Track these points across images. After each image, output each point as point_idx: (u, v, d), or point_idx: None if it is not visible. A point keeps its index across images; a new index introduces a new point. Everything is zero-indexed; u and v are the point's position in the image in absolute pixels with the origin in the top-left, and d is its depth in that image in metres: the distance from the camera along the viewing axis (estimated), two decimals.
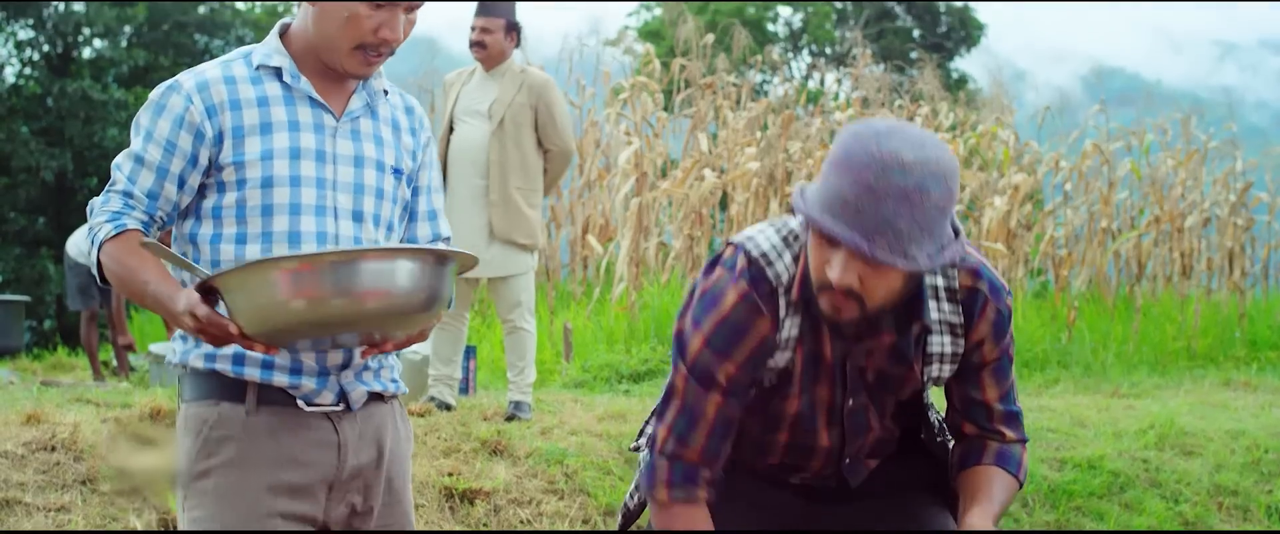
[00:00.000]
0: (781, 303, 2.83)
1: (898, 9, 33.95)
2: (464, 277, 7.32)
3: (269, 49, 2.96)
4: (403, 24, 2.91)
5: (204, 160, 2.88)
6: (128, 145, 2.96)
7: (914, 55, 28.41)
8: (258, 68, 2.94)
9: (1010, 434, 3.03)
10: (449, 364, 7.28)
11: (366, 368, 2.99)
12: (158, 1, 23.34)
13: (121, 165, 2.91)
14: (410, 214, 3.13)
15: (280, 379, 2.89)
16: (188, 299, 2.69)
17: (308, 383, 2.91)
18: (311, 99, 2.94)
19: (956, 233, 2.70)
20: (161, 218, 2.91)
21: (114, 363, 11.21)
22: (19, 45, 22.84)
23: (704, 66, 14.99)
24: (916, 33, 33.43)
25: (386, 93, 3.08)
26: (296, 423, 2.91)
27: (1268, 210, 15.46)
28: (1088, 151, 14.54)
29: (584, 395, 8.48)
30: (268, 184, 2.87)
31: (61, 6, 22.08)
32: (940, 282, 2.88)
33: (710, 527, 2.92)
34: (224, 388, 2.90)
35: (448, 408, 7.18)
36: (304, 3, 2.94)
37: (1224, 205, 14.79)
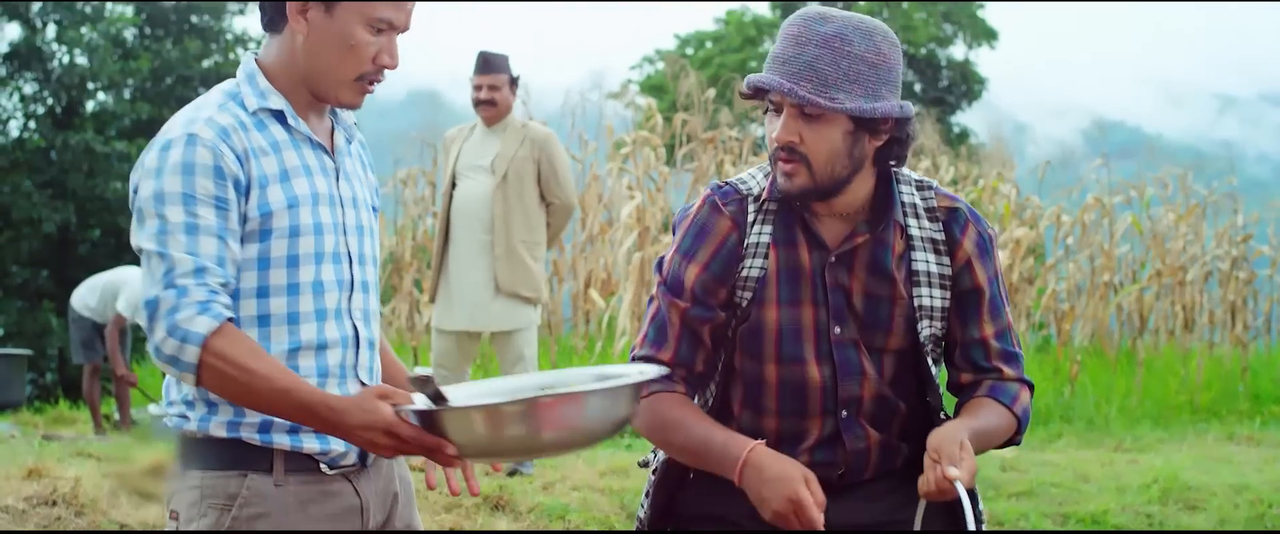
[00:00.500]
0: (750, 209, 2.95)
1: None
2: (467, 331, 7.34)
3: (261, 89, 2.75)
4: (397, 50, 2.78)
5: (241, 211, 2.66)
6: (151, 219, 2.62)
7: (915, 109, 28.48)
8: (256, 112, 2.73)
9: (1008, 371, 3.00)
10: None
11: None
12: (160, 32, 23.48)
13: (171, 243, 2.57)
14: None
15: (310, 444, 2.72)
16: (382, 416, 2.54)
17: (336, 445, 2.75)
18: (311, 141, 2.78)
19: (911, 113, 2.86)
20: (231, 288, 2.63)
21: (116, 416, 11.19)
22: (24, 99, 22.92)
23: (706, 121, 15.04)
24: (918, 87, 33.55)
25: (355, 124, 2.95)
26: (322, 492, 2.76)
27: (1270, 264, 15.46)
28: (1088, 205, 14.57)
29: (586, 451, 8.46)
30: (294, 233, 2.69)
31: (66, 60, 22.17)
32: (918, 201, 2.98)
33: (695, 409, 2.95)
34: (249, 457, 2.69)
35: None
36: (289, 34, 2.74)
37: (1226, 259, 14.80)
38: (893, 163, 2.93)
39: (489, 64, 7.33)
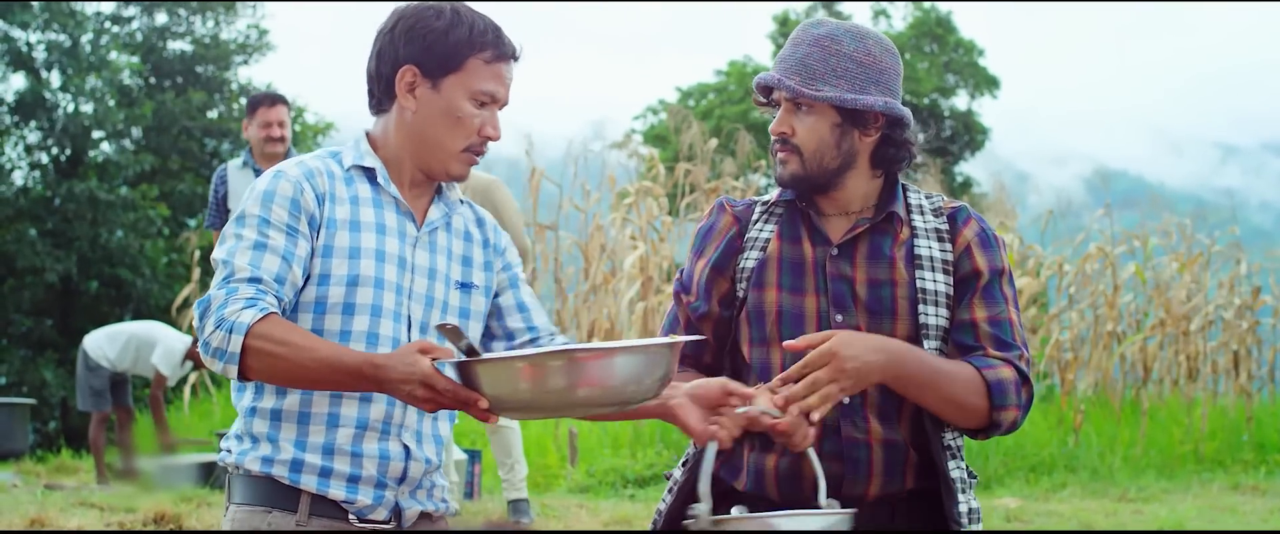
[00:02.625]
0: (756, 210, 3.14)
1: None
2: None
3: (361, 151, 2.91)
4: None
5: (311, 246, 2.81)
6: (229, 238, 2.78)
7: (918, 159, 28.50)
8: (349, 168, 2.89)
9: (994, 351, 2.99)
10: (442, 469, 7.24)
11: (421, 486, 2.92)
12: (164, 86, 23.56)
13: (236, 256, 2.72)
14: (516, 303, 3.07)
15: (336, 491, 2.79)
16: (420, 367, 2.55)
17: (363, 497, 2.81)
18: (398, 205, 2.90)
19: (903, 116, 3.01)
20: (285, 307, 2.76)
21: (119, 465, 11.17)
22: (28, 149, 22.98)
23: (709, 171, 15.07)
24: (920, 137, 33.63)
25: (462, 202, 3.05)
26: None
27: (1273, 313, 15.42)
28: (1091, 255, 14.57)
29: (589, 501, 8.45)
30: (353, 282, 2.80)
31: (71, 108, 22.23)
32: (925, 202, 3.11)
33: (695, 375, 3.02)
34: (277, 495, 2.79)
35: (452, 513, 7.15)
36: (397, 112, 2.89)
37: (1229, 308, 14.78)
38: (894, 166, 3.07)
39: None
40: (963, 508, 2.97)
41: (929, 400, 2.94)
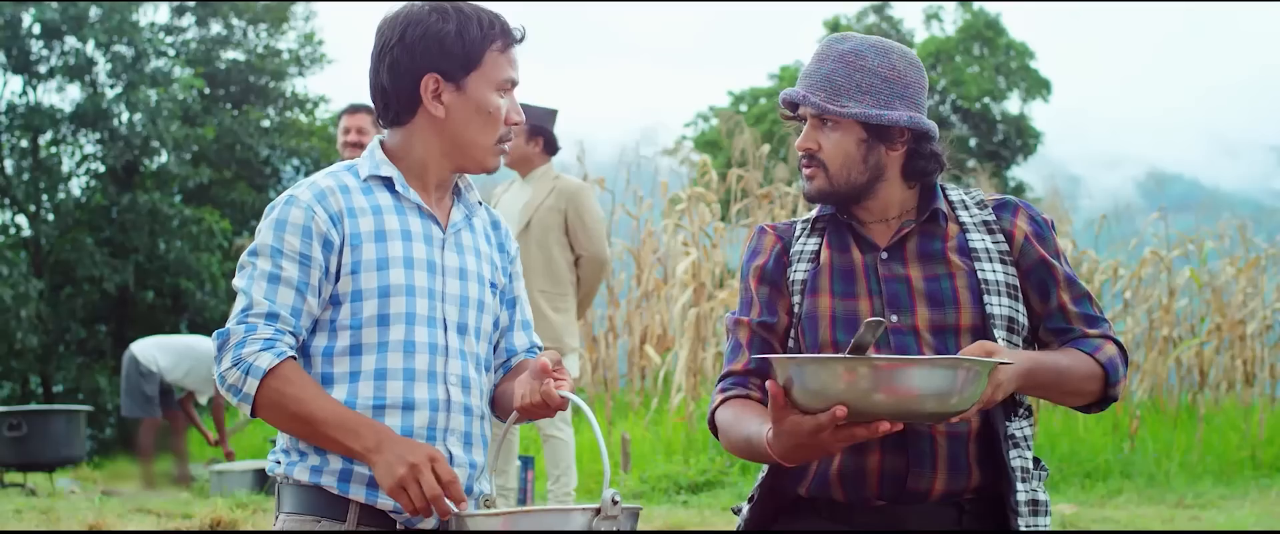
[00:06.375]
0: (798, 227, 3.17)
1: (954, 117, 34.05)
2: None
3: (377, 160, 2.94)
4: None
5: (333, 269, 2.85)
6: (246, 266, 2.86)
7: (970, 164, 28.40)
8: (367, 178, 2.92)
9: (1091, 330, 3.05)
10: (502, 475, 7.25)
11: (468, 491, 2.92)
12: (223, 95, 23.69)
13: (253, 288, 2.81)
14: (509, 324, 3.10)
15: (386, 500, 2.81)
16: (426, 449, 2.71)
17: None
18: (421, 209, 2.93)
19: (929, 129, 3.02)
20: (303, 338, 2.85)
21: (173, 472, 11.25)
22: (85, 158, 23.13)
23: (761, 177, 15.05)
24: (973, 142, 33.49)
25: (480, 204, 3.08)
26: None
27: None
28: (1146, 259, 14.47)
29: (643, 507, 8.44)
30: (384, 293, 2.84)
31: (128, 119, 22.32)
32: (967, 198, 3.14)
33: (759, 412, 2.97)
34: (326, 504, 2.83)
35: None
36: (421, 122, 2.92)
37: None
38: (927, 178, 3.08)
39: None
40: (1022, 497, 2.95)
41: (1051, 397, 3.01)
